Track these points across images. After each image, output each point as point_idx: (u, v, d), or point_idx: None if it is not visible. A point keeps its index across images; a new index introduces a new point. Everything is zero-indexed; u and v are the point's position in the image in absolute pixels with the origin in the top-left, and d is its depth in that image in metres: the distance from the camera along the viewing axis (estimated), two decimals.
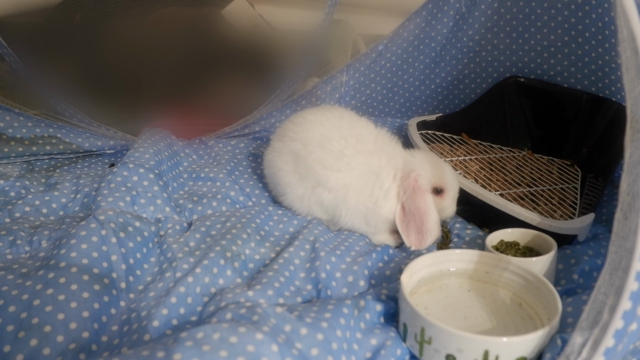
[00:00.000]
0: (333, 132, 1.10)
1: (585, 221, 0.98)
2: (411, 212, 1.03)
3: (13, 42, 1.40)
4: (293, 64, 1.63)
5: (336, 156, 1.07)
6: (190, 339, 0.65)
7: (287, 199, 1.16)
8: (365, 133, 1.11)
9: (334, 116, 1.13)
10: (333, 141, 1.08)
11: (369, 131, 1.12)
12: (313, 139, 1.10)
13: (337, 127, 1.10)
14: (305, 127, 1.13)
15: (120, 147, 1.52)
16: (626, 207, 0.63)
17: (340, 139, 1.08)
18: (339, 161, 1.07)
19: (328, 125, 1.11)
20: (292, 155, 1.12)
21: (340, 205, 1.08)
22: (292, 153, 1.12)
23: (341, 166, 1.07)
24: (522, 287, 0.85)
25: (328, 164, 1.07)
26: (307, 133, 1.11)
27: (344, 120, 1.12)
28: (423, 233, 1.02)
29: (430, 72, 1.57)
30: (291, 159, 1.13)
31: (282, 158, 1.15)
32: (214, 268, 0.94)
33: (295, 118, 1.18)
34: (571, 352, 0.64)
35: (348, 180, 1.07)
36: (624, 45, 0.66)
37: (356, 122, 1.12)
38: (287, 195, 1.16)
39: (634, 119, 0.64)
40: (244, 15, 1.81)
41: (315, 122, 1.12)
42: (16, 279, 0.86)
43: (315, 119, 1.13)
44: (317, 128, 1.11)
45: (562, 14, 1.34)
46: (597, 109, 1.33)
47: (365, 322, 0.81)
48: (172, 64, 1.73)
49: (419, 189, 1.03)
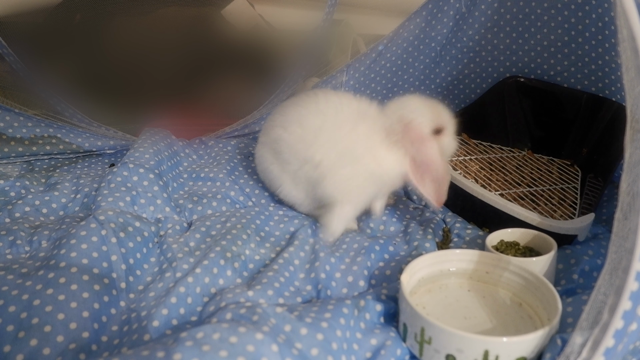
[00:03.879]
0: (310, 108, 1.08)
1: (585, 221, 0.98)
2: (423, 163, 0.98)
3: (13, 42, 1.40)
4: (293, 64, 1.63)
5: (317, 131, 1.05)
6: (190, 339, 0.65)
7: (284, 191, 1.15)
8: (345, 102, 1.08)
9: (310, 96, 1.11)
10: (310, 117, 1.07)
11: (349, 101, 1.09)
12: (292, 120, 1.09)
13: (314, 103, 1.08)
14: (283, 110, 1.13)
15: (120, 147, 1.52)
16: (626, 207, 0.63)
17: (319, 114, 1.06)
18: (323, 136, 1.04)
19: (305, 104, 1.10)
20: (275, 143, 1.12)
21: (330, 178, 1.04)
22: (275, 140, 1.11)
23: (330, 139, 1.04)
24: (522, 287, 0.85)
25: (310, 140, 1.05)
26: (286, 116, 1.11)
27: (319, 96, 1.10)
28: (439, 182, 0.97)
29: (430, 72, 1.57)
30: (275, 147, 1.12)
31: (268, 149, 1.15)
32: (214, 268, 0.94)
33: (274, 110, 1.18)
34: (571, 352, 0.64)
35: (340, 150, 1.03)
36: (624, 45, 0.66)
37: (332, 96, 1.10)
38: (283, 187, 1.15)
39: (634, 119, 0.64)
40: (244, 15, 1.81)
41: (292, 104, 1.12)
42: (16, 279, 0.86)
43: (292, 102, 1.13)
44: (295, 109, 1.10)
45: (562, 14, 1.34)
46: (597, 109, 1.33)
47: (365, 322, 0.81)
48: (172, 64, 1.73)
49: (426, 138, 0.99)
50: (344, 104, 1.07)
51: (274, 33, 1.87)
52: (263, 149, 1.18)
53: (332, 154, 1.04)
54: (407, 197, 1.30)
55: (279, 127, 1.11)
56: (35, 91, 1.46)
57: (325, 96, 1.10)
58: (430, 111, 1.02)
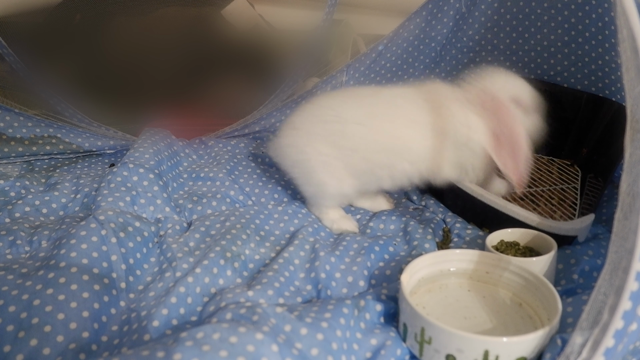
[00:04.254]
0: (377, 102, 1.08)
1: (585, 222, 0.98)
2: (504, 135, 0.96)
3: (13, 42, 1.40)
4: (293, 64, 1.63)
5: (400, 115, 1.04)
6: (190, 339, 0.65)
7: (334, 183, 1.09)
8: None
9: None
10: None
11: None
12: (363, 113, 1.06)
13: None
14: (341, 107, 1.08)
15: (120, 147, 1.52)
16: (626, 207, 0.63)
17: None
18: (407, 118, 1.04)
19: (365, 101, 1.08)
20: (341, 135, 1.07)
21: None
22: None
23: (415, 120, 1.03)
24: (522, 287, 0.85)
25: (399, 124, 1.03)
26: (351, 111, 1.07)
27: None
28: (517, 154, 0.94)
29: (431, 72, 1.57)
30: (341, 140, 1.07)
31: (323, 143, 1.08)
32: (214, 268, 0.94)
33: (318, 103, 1.13)
34: (571, 352, 0.64)
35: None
36: (624, 45, 0.66)
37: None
38: (337, 180, 1.09)
39: (634, 119, 0.64)
40: (244, 15, 1.81)
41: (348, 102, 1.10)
42: (16, 279, 0.86)
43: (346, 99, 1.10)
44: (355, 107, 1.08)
45: (562, 14, 1.34)
46: (598, 109, 1.33)
47: (365, 322, 0.81)
48: (172, 64, 1.73)
49: (504, 106, 0.97)
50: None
51: (274, 33, 1.87)
52: (314, 142, 1.09)
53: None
54: (407, 197, 1.30)
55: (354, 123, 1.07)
56: (35, 91, 1.46)
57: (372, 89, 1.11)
58: (514, 84, 1.01)
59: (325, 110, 1.10)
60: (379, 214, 1.18)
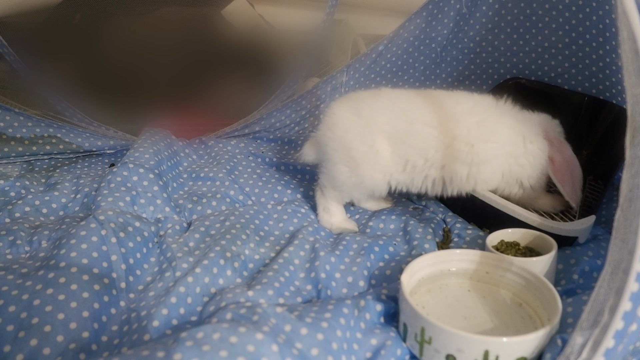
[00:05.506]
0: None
1: (586, 223, 0.98)
2: (565, 162, 1.06)
3: (13, 42, 1.40)
4: (293, 64, 1.63)
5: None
6: (190, 339, 0.65)
7: (370, 178, 1.08)
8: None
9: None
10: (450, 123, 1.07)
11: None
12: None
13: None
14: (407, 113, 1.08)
15: (120, 147, 1.52)
16: (626, 208, 0.63)
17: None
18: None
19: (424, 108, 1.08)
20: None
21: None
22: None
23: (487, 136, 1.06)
24: (523, 287, 0.85)
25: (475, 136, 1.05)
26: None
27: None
28: (576, 182, 1.06)
29: (431, 72, 1.57)
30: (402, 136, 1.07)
31: (382, 136, 1.07)
32: (214, 268, 0.94)
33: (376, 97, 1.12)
34: (571, 352, 0.64)
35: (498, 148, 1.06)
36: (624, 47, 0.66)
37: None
38: (372, 178, 1.08)
39: (635, 121, 0.64)
40: (244, 15, 1.81)
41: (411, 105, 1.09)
42: (16, 279, 0.86)
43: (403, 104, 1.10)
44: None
45: (563, 15, 1.34)
46: (598, 111, 1.33)
47: (365, 322, 0.81)
48: (172, 64, 1.73)
49: (562, 140, 1.10)
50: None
51: (274, 33, 1.87)
52: (375, 134, 1.07)
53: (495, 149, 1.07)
54: (406, 197, 1.30)
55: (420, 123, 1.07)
56: (35, 91, 1.46)
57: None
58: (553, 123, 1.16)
59: (392, 106, 1.09)
60: (378, 213, 1.19)
